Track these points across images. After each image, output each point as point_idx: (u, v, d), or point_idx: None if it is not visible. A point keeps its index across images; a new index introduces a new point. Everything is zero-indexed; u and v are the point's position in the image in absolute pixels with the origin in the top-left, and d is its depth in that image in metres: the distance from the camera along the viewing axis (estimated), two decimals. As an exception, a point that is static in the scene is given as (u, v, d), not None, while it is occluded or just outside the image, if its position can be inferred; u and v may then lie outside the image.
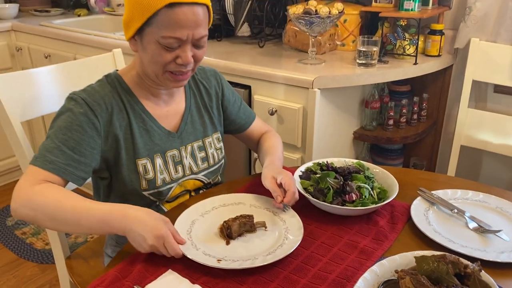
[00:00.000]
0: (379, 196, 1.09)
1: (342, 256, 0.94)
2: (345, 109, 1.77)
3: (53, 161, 0.98)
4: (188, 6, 0.96)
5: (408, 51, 1.73)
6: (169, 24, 0.96)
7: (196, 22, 0.98)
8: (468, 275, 0.75)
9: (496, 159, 1.90)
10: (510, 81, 1.68)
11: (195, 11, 0.97)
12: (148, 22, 0.97)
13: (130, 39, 1.04)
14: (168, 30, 0.97)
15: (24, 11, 3.00)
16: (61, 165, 0.98)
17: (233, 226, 0.97)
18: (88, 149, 1.02)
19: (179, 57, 1.01)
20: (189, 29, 0.98)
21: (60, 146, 0.99)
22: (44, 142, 1.01)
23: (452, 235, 0.99)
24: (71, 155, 0.99)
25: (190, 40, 1.00)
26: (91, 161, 1.03)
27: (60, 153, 0.99)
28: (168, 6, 0.95)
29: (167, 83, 1.07)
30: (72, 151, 1.00)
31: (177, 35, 0.97)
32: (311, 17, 1.57)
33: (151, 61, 1.02)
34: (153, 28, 0.97)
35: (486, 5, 1.68)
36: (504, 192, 1.18)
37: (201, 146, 1.20)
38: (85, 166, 1.02)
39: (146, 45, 1.00)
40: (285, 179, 1.06)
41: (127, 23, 1.02)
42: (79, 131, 1.01)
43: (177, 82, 1.06)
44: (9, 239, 2.36)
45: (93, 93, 1.05)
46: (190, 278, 0.87)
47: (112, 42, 2.17)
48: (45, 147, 1.00)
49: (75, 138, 1.00)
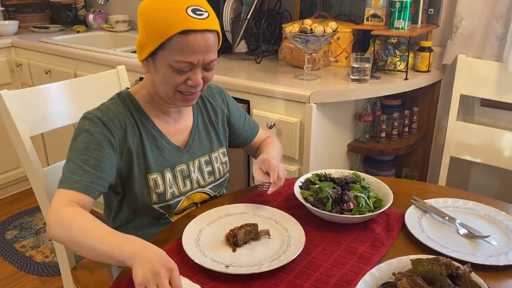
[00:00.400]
0: (374, 205, 1.15)
1: (342, 261, 1.00)
2: (339, 122, 1.84)
3: (78, 181, 1.02)
4: (200, 33, 1.02)
5: (399, 67, 1.81)
6: (182, 49, 1.02)
7: (207, 47, 1.04)
8: (460, 276, 0.81)
9: (484, 170, 1.98)
10: (496, 95, 1.77)
11: (207, 37, 1.03)
12: (161, 46, 1.03)
13: (143, 61, 1.10)
14: (180, 55, 1.02)
15: (24, 28, 3.05)
16: (86, 184, 1.03)
17: (239, 234, 1.02)
18: (107, 165, 1.07)
19: (190, 79, 1.07)
20: (201, 54, 1.04)
21: (82, 166, 1.04)
22: (67, 164, 1.06)
23: (444, 241, 1.05)
24: (93, 173, 1.04)
25: (200, 64, 1.05)
26: (110, 176, 1.08)
27: (83, 173, 1.04)
28: (182, 32, 1.01)
29: (177, 103, 1.12)
30: (94, 169, 1.05)
31: (189, 60, 1.03)
32: (307, 36, 1.65)
33: (163, 82, 1.08)
34: (166, 52, 1.03)
35: (471, 23, 1.78)
36: (492, 201, 1.25)
37: (208, 161, 1.26)
38: (105, 182, 1.07)
39: (159, 68, 1.06)
40: (268, 167, 1.17)
41: (141, 46, 1.07)
42: (98, 150, 1.06)
43: (187, 102, 1.12)
44: (9, 253, 2.38)
45: (107, 112, 1.11)
46: (200, 283, 0.93)
47: (113, 58, 2.23)
48: (69, 169, 1.05)
49: (95, 157, 1.05)
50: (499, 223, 1.12)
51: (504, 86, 1.74)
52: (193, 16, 1.01)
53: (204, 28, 1.03)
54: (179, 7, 1.02)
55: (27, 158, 1.34)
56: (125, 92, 1.17)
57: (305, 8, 2.23)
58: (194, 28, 1.01)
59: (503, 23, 1.73)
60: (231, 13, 2.09)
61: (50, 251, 2.37)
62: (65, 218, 0.97)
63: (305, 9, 2.23)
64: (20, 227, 2.60)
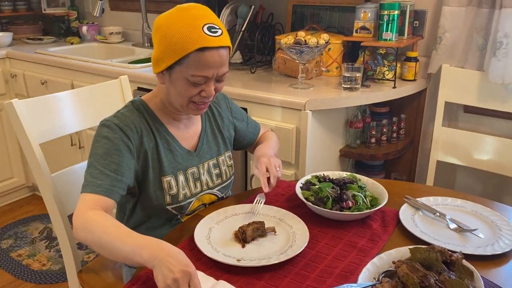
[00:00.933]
0: (371, 203, 1.24)
1: (343, 254, 1.08)
2: (332, 129, 1.94)
3: (100, 185, 1.08)
4: (216, 49, 1.10)
5: (387, 76, 1.92)
6: (198, 65, 1.09)
7: (221, 62, 1.12)
8: (453, 262, 0.90)
9: (468, 173, 2.10)
10: (478, 102, 1.88)
11: (221, 53, 1.11)
12: (179, 61, 1.10)
13: (158, 73, 1.16)
14: (197, 70, 1.10)
15: (17, 39, 3.09)
16: (108, 187, 1.09)
17: (248, 231, 1.10)
18: (126, 169, 1.13)
19: (204, 91, 1.14)
20: (215, 69, 1.11)
21: (103, 171, 1.10)
22: (88, 170, 1.12)
23: (436, 234, 1.14)
24: (114, 176, 1.11)
25: (214, 77, 1.14)
26: (129, 180, 1.15)
27: (104, 177, 1.10)
28: (199, 49, 1.08)
29: (190, 112, 1.20)
30: (114, 173, 1.11)
31: (205, 74, 1.11)
32: (301, 47, 1.75)
33: (178, 94, 1.15)
34: (183, 67, 1.10)
35: (454, 35, 1.90)
36: (478, 198, 1.35)
37: (216, 164, 1.33)
38: (125, 185, 1.13)
39: (175, 81, 1.13)
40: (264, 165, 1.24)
41: (157, 60, 1.14)
42: (117, 155, 1.12)
43: (199, 111, 1.20)
44: (5, 261, 2.40)
45: (124, 119, 1.17)
46: (214, 276, 0.99)
47: (109, 69, 2.29)
48: (90, 174, 1.11)
49: (115, 161, 1.12)
50: (485, 218, 1.22)
51: (485, 93, 1.85)
52: (209, 34, 1.09)
53: (219, 45, 1.10)
54: (196, 25, 1.09)
55: (36, 165, 1.39)
56: (139, 100, 1.24)
57: (296, 20, 2.33)
58: (210, 45, 1.08)
59: (483, 35, 1.85)
60: (226, 25, 2.18)
61: (47, 259, 2.40)
62: (89, 221, 1.02)
63: (296, 22, 2.33)
64: (15, 237, 2.62)
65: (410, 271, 0.85)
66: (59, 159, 2.43)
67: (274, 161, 1.26)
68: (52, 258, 2.41)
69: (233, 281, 0.98)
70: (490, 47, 1.79)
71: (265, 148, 1.36)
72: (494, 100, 1.85)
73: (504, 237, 1.13)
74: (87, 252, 2.44)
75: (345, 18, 2.19)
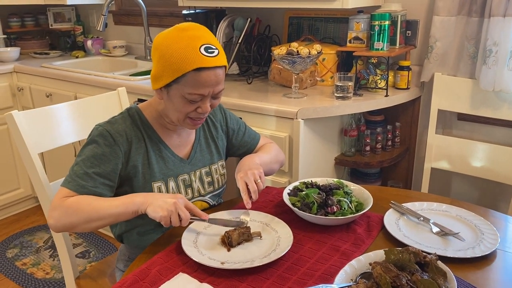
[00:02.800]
0: (356, 208, 1.27)
1: (326, 257, 1.10)
2: (327, 137, 1.97)
3: (84, 186, 1.16)
4: (212, 69, 1.15)
5: (380, 85, 1.95)
6: (195, 84, 1.15)
7: (217, 81, 1.17)
8: (427, 263, 0.92)
9: (463, 180, 2.11)
10: (470, 109, 1.90)
11: (217, 73, 1.16)
12: (176, 80, 1.15)
13: (156, 90, 1.21)
14: (193, 89, 1.15)
15: (25, 54, 3.18)
16: (91, 189, 1.16)
17: (233, 235, 1.13)
18: (112, 174, 1.20)
19: (200, 108, 1.20)
20: (211, 87, 1.17)
21: (88, 172, 1.17)
22: (74, 167, 1.19)
23: (418, 238, 1.16)
24: (98, 179, 1.18)
25: (210, 95, 1.19)
26: (115, 183, 1.22)
27: (89, 179, 1.17)
28: (196, 70, 1.13)
29: (186, 126, 1.26)
30: (99, 176, 1.18)
31: (201, 93, 1.16)
32: (293, 57, 1.79)
33: (175, 110, 1.20)
34: (180, 85, 1.16)
35: (445, 44, 1.93)
36: (465, 204, 1.37)
37: (208, 172, 1.37)
38: (110, 187, 1.20)
39: (172, 98, 1.19)
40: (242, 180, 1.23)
41: (156, 77, 1.19)
42: (104, 160, 1.19)
43: (195, 126, 1.26)
44: (10, 270, 2.45)
45: (116, 126, 1.23)
46: (198, 278, 1.03)
47: (111, 81, 2.36)
48: (76, 172, 1.18)
49: (101, 166, 1.18)
50: (468, 222, 1.24)
51: (478, 101, 1.88)
52: (205, 54, 1.14)
53: (215, 65, 1.15)
54: (193, 46, 1.14)
55: (35, 174, 1.45)
56: (135, 108, 1.30)
57: (292, 32, 2.38)
58: (206, 65, 1.14)
59: (474, 43, 1.87)
60: (223, 38, 2.24)
61: (50, 268, 2.45)
62: (70, 205, 1.13)
63: (292, 33, 2.38)
64: (20, 246, 2.68)
65: (384, 272, 0.88)
66: (62, 169, 2.49)
67: (252, 173, 1.23)
68: (56, 267, 2.46)
69: (217, 283, 1.01)
70: (481, 55, 1.82)
71: (245, 160, 1.34)
72: (487, 108, 1.87)
73: (486, 240, 1.14)
74: (89, 261, 2.49)
75: (340, 29, 2.23)
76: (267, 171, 1.39)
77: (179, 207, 1.09)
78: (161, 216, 1.08)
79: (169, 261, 1.09)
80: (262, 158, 1.38)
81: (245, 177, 1.24)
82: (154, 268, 1.06)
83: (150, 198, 1.12)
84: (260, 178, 1.24)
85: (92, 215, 1.12)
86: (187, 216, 1.10)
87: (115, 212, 1.13)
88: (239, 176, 1.25)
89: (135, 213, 1.12)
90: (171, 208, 1.08)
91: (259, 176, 1.24)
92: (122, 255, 1.41)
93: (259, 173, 1.25)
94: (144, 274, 1.04)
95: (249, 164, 1.30)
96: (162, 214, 1.08)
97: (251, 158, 1.36)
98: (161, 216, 1.08)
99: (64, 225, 1.14)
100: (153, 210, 1.10)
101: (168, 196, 1.13)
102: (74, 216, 1.13)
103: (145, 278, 1.03)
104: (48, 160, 2.84)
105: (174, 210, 1.09)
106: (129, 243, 1.36)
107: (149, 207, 1.10)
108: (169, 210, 1.08)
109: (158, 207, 1.09)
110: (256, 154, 1.42)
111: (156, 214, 1.09)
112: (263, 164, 1.34)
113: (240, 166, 1.31)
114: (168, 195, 1.14)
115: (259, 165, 1.31)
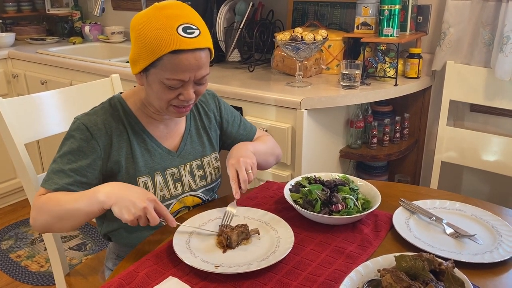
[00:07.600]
0: (363, 206, 1.17)
1: (330, 261, 1.01)
2: (331, 128, 1.87)
3: (58, 183, 1.08)
4: (191, 52, 1.03)
5: (388, 74, 1.84)
6: (172, 68, 1.04)
7: (198, 65, 1.06)
8: (443, 271, 0.83)
9: (475, 174, 2.01)
10: (484, 100, 1.80)
11: (197, 56, 1.05)
12: (153, 64, 1.05)
13: (136, 74, 1.12)
14: (171, 73, 1.04)
15: (20, 40, 3.09)
16: (66, 186, 1.08)
17: (233, 235, 1.04)
18: (89, 170, 1.11)
19: (182, 95, 1.09)
20: (192, 72, 1.05)
21: (64, 170, 1.09)
22: (52, 165, 1.12)
23: (430, 240, 1.07)
24: (74, 176, 1.09)
25: (192, 80, 1.08)
26: (93, 180, 1.12)
27: (64, 176, 1.09)
28: (172, 52, 1.02)
29: (171, 114, 1.15)
30: (74, 173, 1.09)
31: (180, 78, 1.05)
32: (297, 43, 1.69)
33: (156, 97, 1.10)
34: (158, 70, 1.05)
35: (459, 30, 1.82)
36: (479, 202, 1.27)
37: (200, 165, 1.27)
38: (87, 185, 1.11)
39: (151, 83, 1.08)
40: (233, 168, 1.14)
41: (134, 61, 1.09)
42: (80, 156, 1.10)
43: (180, 114, 1.15)
44: (4, 262, 2.38)
45: (95, 118, 1.14)
46: (190, 283, 0.94)
47: (107, 68, 2.26)
48: (52, 170, 1.10)
49: (77, 162, 1.10)
50: (485, 223, 1.14)
51: (492, 91, 1.77)
52: (183, 35, 1.03)
53: (195, 47, 1.04)
54: (170, 25, 1.03)
55: (21, 165, 1.36)
56: (117, 97, 1.20)
57: (297, 17, 2.27)
58: (184, 47, 1.02)
59: (490, 29, 1.76)
60: (224, 23, 2.13)
61: (45, 261, 2.38)
62: (42, 203, 1.06)
63: (297, 19, 2.27)
64: (15, 237, 2.61)
65: (394, 281, 0.79)
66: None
67: (244, 162, 1.15)
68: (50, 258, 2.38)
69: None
70: (497, 42, 1.71)
71: (238, 146, 1.25)
72: (502, 98, 1.76)
73: (505, 243, 1.05)
74: (85, 254, 2.42)
75: (347, 14, 2.12)
76: (261, 162, 1.29)
77: (149, 211, 0.98)
78: (127, 220, 0.98)
79: (158, 263, 1.00)
80: (257, 147, 1.28)
81: (236, 164, 1.14)
82: (142, 271, 0.97)
83: (114, 197, 1.00)
84: (251, 169, 1.15)
85: (61, 212, 1.04)
86: (155, 221, 0.99)
87: (81, 207, 1.03)
88: (230, 163, 1.16)
89: (101, 210, 1.02)
90: (139, 213, 0.98)
91: (250, 167, 1.15)
92: (111, 253, 1.33)
93: (251, 163, 1.16)
94: (131, 277, 0.95)
95: (242, 152, 1.20)
96: (129, 218, 0.98)
97: (244, 145, 1.25)
98: (127, 220, 0.98)
99: (41, 225, 1.07)
100: (119, 210, 0.99)
101: (137, 195, 1.00)
102: (46, 214, 1.05)
103: (132, 282, 0.94)
104: (44, 149, 2.76)
105: (143, 215, 0.98)
106: (118, 241, 1.27)
107: (114, 206, 1.00)
108: (136, 215, 0.98)
109: (124, 208, 0.98)
110: (250, 142, 1.32)
111: (122, 216, 0.98)
112: (257, 153, 1.24)
113: (233, 153, 1.21)
114: (136, 193, 1.01)
115: (252, 154, 1.21)
